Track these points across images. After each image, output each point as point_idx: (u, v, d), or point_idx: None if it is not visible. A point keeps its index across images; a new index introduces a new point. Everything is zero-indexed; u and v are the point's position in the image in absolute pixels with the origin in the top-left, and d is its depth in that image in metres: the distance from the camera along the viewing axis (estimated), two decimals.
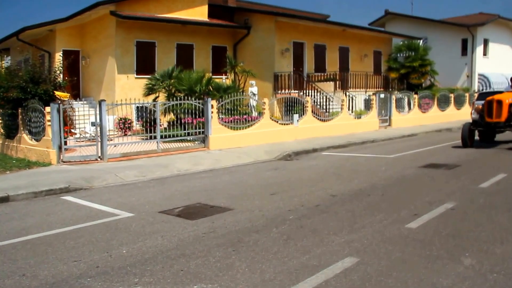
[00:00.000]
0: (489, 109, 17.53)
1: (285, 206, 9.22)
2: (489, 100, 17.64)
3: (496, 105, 17.33)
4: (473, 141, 18.23)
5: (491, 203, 8.96)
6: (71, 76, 27.45)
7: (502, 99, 17.38)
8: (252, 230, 7.66)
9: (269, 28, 29.41)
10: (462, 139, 17.89)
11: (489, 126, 17.96)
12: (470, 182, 11.21)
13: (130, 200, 10.57)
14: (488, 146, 18.11)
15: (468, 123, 18.25)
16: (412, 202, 9.18)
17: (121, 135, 21.26)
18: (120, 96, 23.99)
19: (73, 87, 28.02)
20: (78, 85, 28.73)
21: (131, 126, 23.12)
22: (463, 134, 17.91)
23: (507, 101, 17.36)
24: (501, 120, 17.25)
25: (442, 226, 7.49)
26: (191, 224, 8.23)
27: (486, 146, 18.11)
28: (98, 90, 27.25)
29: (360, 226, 7.65)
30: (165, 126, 20.56)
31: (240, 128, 19.69)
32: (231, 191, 11.10)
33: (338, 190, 10.61)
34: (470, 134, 18.00)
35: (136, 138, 18.21)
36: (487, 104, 17.63)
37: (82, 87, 28.95)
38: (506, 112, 17.26)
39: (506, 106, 17.26)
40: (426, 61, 33.71)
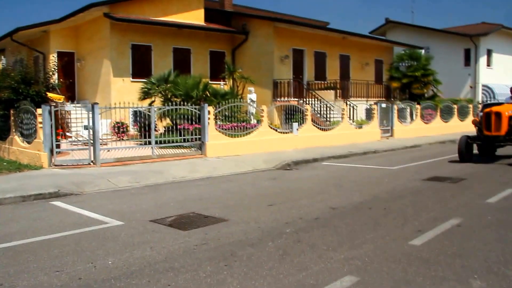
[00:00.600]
0: (487, 121, 16.68)
1: (283, 218, 8.88)
2: (487, 112, 16.81)
3: (495, 117, 16.46)
4: (471, 155, 17.34)
5: (499, 220, 8.62)
6: (66, 78, 27.21)
7: (501, 111, 16.44)
8: (247, 243, 7.32)
9: (267, 33, 29.21)
10: (459, 153, 17.05)
11: (488, 140, 17.09)
12: (476, 196, 10.88)
13: (121, 207, 10.24)
14: (487, 161, 17.25)
15: (465, 136, 17.35)
16: (416, 217, 8.84)
17: (116, 139, 20.94)
18: (116, 100, 23.64)
19: (68, 90, 27.85)
20: (74, 87, 28.56)
21: (126, 130, 22.79)
22: (460, 147, 17.04)
23: (507, 114, 16.48)
24: (501, 133, 16.40)
25: (448, 244, 7.15)
26: (183, 235, 7.89)
27: (485, 161, 17.23)
28: (93, 93, 26.97)
29: (361, 242, 7.31)
30: (162, 131, 20.29)
31: (238, 136, 19.37)
32: (227, 201, 10.77)
33: (339, 203, 10.28)
34: (467, 148, 17.11)
35: (131, 143, 17.90)
36: (485, 116, 16.77)
37: (78, 89, 28.72)
38: (506, 125, 16.40)
39: (505, 119, 16.40)
40: (429, 70, 33.49)
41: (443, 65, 41.66)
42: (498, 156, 18.06)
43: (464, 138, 17.18)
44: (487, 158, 17.68)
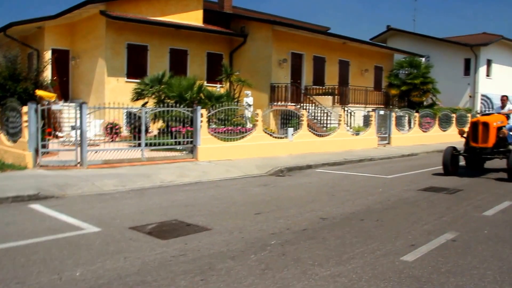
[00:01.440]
0: (474, 132, 15.62)
1: (269, 229, 8.41)
2: (473, 122, 15.85)
3: (482, 128, 15.37)
4: (457, 168, 16.11)
5: (497, 235, 8.16)
6: (61, 76, 26.81)
7: (489, 121, 15.38)
8: (228, 255, 6.85)
9: (266, 37, 28.78)
10: (443, 165, 15.83)
11: (474, 152, 15.84)
12: (473, 209, 10.42)
13: (101, 212, 9.77)
14: (474, 174, 16.06)
15: (450, 147, 16.06)
16: (409, 231, 8.38)
17: (108, 140, 20.52)
18: (110, 100, 23.18)
19: (62, 88, 27.44)
20: (68, 86, 28.08)
21: (119, 131, 22.36)
22: (444, 159, 15.83)
23: (495, 124, 15.45)
24: (488, 145, 15.30)
25: (442, 261, 6.69)
26: (161, 244, 7.42)
27: (472, 174, 16.03)
28: (87, 92, 26.54)
29: (350, 256, 6.84)
30: (155, 133, 19.86)
31: (231, 140, 18.90)
32: (213, 208, 10.30)
33: (329, 213, 9.81)
34: (453, 160, 15.90)
35: (121, 144, 17.40)
36: (472, 126, 15.76)
37: (72, 88, 28.30)
38: (494, 137, 15.35)
39: (493, 130, 15.35)
40: (428, 79, 33.09)
41: (443, 74, 41.37)
42: (487, 170, 17.03)
43: (449, 149, 15.99)
44: (475, 172, 16.58)
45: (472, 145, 15.59)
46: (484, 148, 15.37)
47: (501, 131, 15.47)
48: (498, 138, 15.41)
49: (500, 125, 15.73)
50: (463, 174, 15.83)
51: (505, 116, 16.40)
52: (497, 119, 15.74)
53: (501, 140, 15.64)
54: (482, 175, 15.97)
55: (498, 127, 15.59)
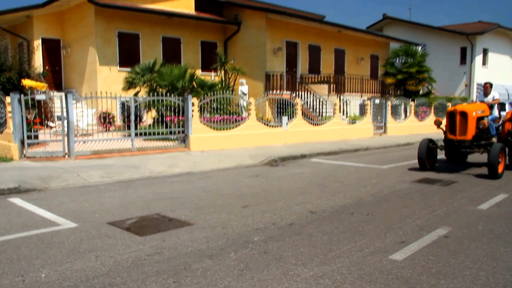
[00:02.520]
0: (451, 123, 13.93)
1: (254, 223, 7.95)
2: (450, 111, 14.04)
3: (460, 118, 13.65)
4: (435, 162, 14.66)
5: (491, 231, 7.70)
6: (53, 66, 26.30)
7: (467, 111, 13.61)
8: (206, 253, 6.40)
9: (260, 25, 28.22)
10: (418, 159, 14.20)
11: (452, 145, 14.08)
12: (467, 202, 9.95)
13: (82, 206, 9.31)
14: (453, 169, 14.52)
15: (426, 139, 14.43)
16: (400, 225, 7.92)
17: (102, 130, 20.11)
18: (103, 89, 22.85)
19: (55, 78, 26.95)
20: (60, 75, 27.53)
21: (113, 121, 21.93)
22: (419, 153, 14.16)
23: (474, 114, 13.69)
24: (467, 137, 13.59)
25: (433, 260, 6.24)
26: (138, 241, 6.96)
27: (450, 169, 14.50)
28: (80, 81, 26.04)
29: (336, 255, 6.39)
30: (150, 123, 19.42)
31: (224, 129, 18.41)
32: (199, 201, 9.84)
33: (319, 206, 9.35)
34: (429, 153, 14.37)
35: (114, 134, 16.90)
36: (449, 116, 14.03)
37: (64, 78, 27.78)
38: (473, 128, 13.66)
39: (472, 120, 13.60)
40: (424, 67, 32.54)
41: (439, 62, 40.96)
42: (470, 164, 15.62)
43: (425, 141, 14.33)
44: (454, 167, 15.07)
45: (449, 138, 13.92)
46: (462, 141, 13.69)
47: (481, 122, 13.72)
48: (478, 129, 13.78)
49: (480, 115, 14.02)
50: (441, 169, 14.40)
51: (488, 105, 14.64)
52: (477, 108, 14.03)
53: (482, 132, 14.07)
54: (462, 170, 14.42)
55: (478, 117, 13.90)
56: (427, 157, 14.16)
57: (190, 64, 26.25)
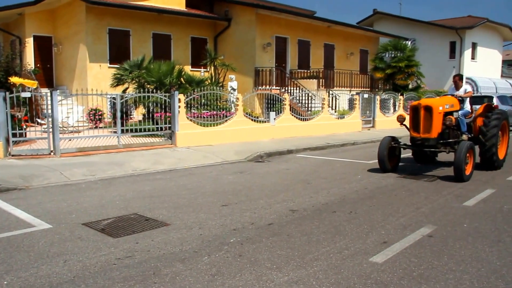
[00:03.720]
0: (414, 119, 12.32)
1: (232, 223, 7.56)
2: (414, 106, 12.46)
3: (424, 114, 12.06)
4: (397, 161, 13.13)
5: (477, 229, 7.34)
6: (44, 63, 25.85)
7: (432, 105, 12.04)
8: (178, 257, 6.00)
9: (249, 20, 27.76)
10: (378, 159, 12.71)
11: (415, 143, 12.71)
12: (453, 198, 9.59)
13: (60, 206, 8.89)
14: (417, 170, 13.05)
15: (388, 137, 12.90)
16: (383, 224, 7.54)
17: (91, 127, 19.69)
18: (93, 86, 22.37)
19: (46, 75, 26.49)
20: (52, 72, 27.01)
21: (102, 117, 21.49)
22: (379, 153, 12.63)
23: (440, 109, 12.15)
24: (431, 135, 12.07)
25: (415, 262, 5.86)
26: (110, 243, 6.56)
27: (415, 171, 13.02)
28: (71, 78, 25.54)
29: (314, 257, 6.00)
30: (140, 119, 19.00)
31: (211, 125, 17.99)
32: (179, 199, 9.43)
33: (301, 204, 8.96)
34: (391, 153, 12.85)
35: (103, 131, 16.53)
36: (412, 112, 12.46)
37: (56, 75, 27.23)
38: (439, 125, 12.16)
39: (438, 116, 12.06)
40: (412, 62, 32.13)
41: (429, 57, 40.67)
42: (440, 163, 14.28)
43: (386, 140, 12.80)
44: (419, 167, 13.64)
45: (413, 135, 12.49)
46: (426, 139, 12.22)
47: (448, 117, 12.14)
48: (445, 126, 12.26)
49: (448, 109, 12.49)
50: (404, 171, 12.96)
51: (458, 99, 13.08)
52: (444, 103, 12.47)
53: (450, 129, 12.65)
54: (428, 171, 12.98)
55: (446, 112, 12.34)
56: (389, 157, 12.68)
57: (180, 60, 25.78)
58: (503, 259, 6.02)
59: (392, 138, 12.90)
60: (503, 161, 13.63)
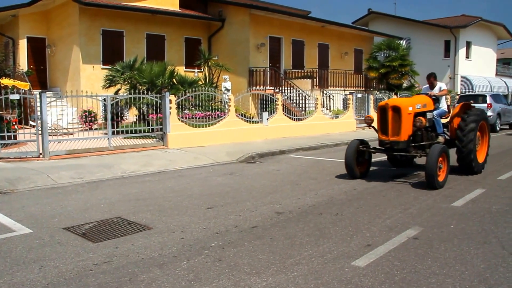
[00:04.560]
0: (382, 120, 11.21)
1: (215, 227, 7.40)
2: (381, 106, 11.34)
3: (392, 114, 10.97)
4: (368, 167, 12.00)
5: (463, 231, 7.18)
6: (38, 65, 25.73)
7: (401, 105, 10.96)
8: (157, 262, 5.85)
9: (243, 21, 27.61)
10: (346, 165, 11.58)
11: (384, 147, 11.44)
12: (442, 198, 9.44)
13: (43, 210, 8.73)
14: (388, 176, 12.00)
15: (356, 140, 11.76)
16: (369, 227, 7.38)
17: (85, 128, 19.60)
18: (86, 87, 22.29)
19: (40, 77, 26.35)
20: (45, 74, 26.85)
21: (95, 119, 21.37)
22: (346, 157, 11.50)
23: (411, 109, 11.05)
24: (400, 138, 10.90)
25: (398, 266, 5.71)
26: (89, 248, 6.41)
27: (385, 176, 11.98)
28: (64, 80, 25.40)
29: (295, 261, 5.84)
30: (133, 120, 18.89)
31: (203, 126, 17.83)
32: (165, 202, 9.27)
33: (287, 206, 8.80)
34: (359, 157, 11.68)
35: (96, 133, 16.37)
36: (379, 113, 11.33)
37: (49, 76, 27.13)
38: (409, 126, 10.99)
39: (407, 117, 10.93)
40: (406, 61, 31.94)
41: (424, 56, 40.55)
42: (419, 167, 13.20)
43: (354, 143, 11.68)
44: (392, 172, 12.64)
45: (381, 138, 11.29)
46: (395, 142, 11.01)
47: (418, 118, 10.92)
48: (416, 128, 11.09)
49: (420, 110, 11.42)
50: (374, 177, 11.88)
51: (432, 98, 12.13)
52: (414, 102, 11.42)
53: (424, 131, 11.64)
54: (402, 176, 11.99)
55: (416, 113, 11.21)
56: (357, 162, 11.57)
57: (174, 61, 25.67)
58: (488, 261, 5.87)
59: (361, 141, 11.78)
60: (484, 164, 12.65)
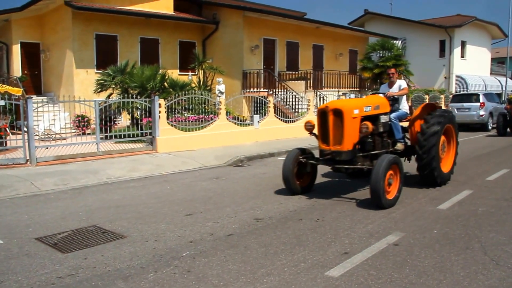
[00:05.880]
0: (322, 126, 9.28)
1: (191, 235, 7.11)
2: (321, 110, 9.37)
3: (333, 119, 9.04)
4: (312, 181, 10.20)
5: (446, 236, 6.88)
6: (32, 70, 25.47)
7: (343, 108, 8.99)
8: (123, 274, 5.56)
9: (237, 23, 27.29)
10: (283, 178, 9.76)
11: (324, 158, 9.40)
12: (428, 201, 9.14)
13: (19, 219, 8.43)
14: (336, 191, 10.20)
15: (297, 150, 9.94)
16: (349, 232, 7.09)
17: (78, 133, 19.30)
18: (80, 92, 22.05)
19: (34, 82, 26.05)
20: (40, 79, 26.57)
21: (89, 124, 21.05)
22: (284, 170, 9.67)
23: (356, 113, 9.10)
24: (343, 148, 8.95)
25: (374, 275, 5.41)
26: (57, 260, 6.12)
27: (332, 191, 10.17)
28: (58, 85, 25.09)
29: (266, 272, 5.54)
30: (128, 125, 18.59)
31: (193, 129, 17.51)
32: (145, 209, 8.98)
33: (268, 212, 8.50)
34: (300, 169, 9.83)
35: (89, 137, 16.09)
36: (319, 117, 9.40)
37: (44, 81, 26.77)
38: (354, 134, 9.03)
39: (352, 122, 9.00)
40: (400, 61, 31.58)
41: (419, 56, 40.34)
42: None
43: (293, 153, 9.83)
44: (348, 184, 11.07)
45: (321, 148, 9.38)
46: (337, 152, 9.04)
47: (363, 124, 9.00)
48: (363, 134, 9.06)
49: (370, 113, 9.51)
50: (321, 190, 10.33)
51: (389, 98, 10.28)
52: (362, 104, 9.51)
53: (375, 138, 9.75)
54: (352, 191, 10.23)
55: (365, 116, 9.30)
56: (298, 174, 9.80)
57: (168, 64, 25.44)
58: (468, 268, 5.58)
59: (302, 151, 9.94)
60: (450, 174, 10.92)
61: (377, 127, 9.65)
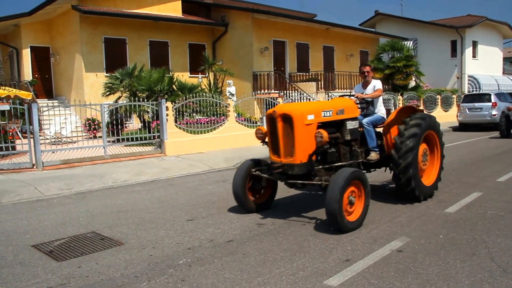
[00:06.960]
0: (272, 135, 8.01)
1: (190, 241, 6.88)
2: (269, 115, 8.03)
3: (283, 127, 7.69)
4: (271, 196, 8.84)
5: (452, 241, 6.59)
6: (43, 74, 25.47)
7: (293, 114, 7.57)
8: (116, 284, 5.35)
9: (246, 25, 27.10)
10: (234, 196, 8.48)
11: (275, 172, 7.97)
12: (435, 204, 8.82)
13: (19, 225, 8.27)
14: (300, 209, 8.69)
15: (249, 162, 8.56)
16: (352, 238, 6.81)
17: (88, 136, 19.28)
18: (90, 95, 22.06)
19: (45, 85, 26.06)
20: (51, 83, 26.55)
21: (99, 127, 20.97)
22: (234, 184, 8.36)
23: (310, 118, 7.68)
24: (295, 160, 7.59)
25: (375, 284, 5.15)
26: (50, 269, 5.92)
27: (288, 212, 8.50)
28: (68, 88, 25.06)
29: (263, 281, 5.30)
30: (139, 128, 18.50)
31: (202, 132, 17.31)
32: (146, 214, 8.77)
33: (272, 216, 8.24)
34: (254, 184, 8.53)
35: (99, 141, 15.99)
36: (268, 124, 8.11)
37: (54, 85, 26.75)
38: (308, 144, 7.62)
39: (304, 130, 7.60)
40: (411, 61, 31.15)
41: (431, 56, 40.06)
42: None
43: (245, 165, 8.50)
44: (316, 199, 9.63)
45: (272, 159, 8.03)
46: (289, 166, 7.67)
47: (317, 132, 7.55)
48: (320, 144, 7.55)
49: (331, 118, 8.07)
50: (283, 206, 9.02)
51: (358, 101, 8.98)
52: (318, 108, 8.01)
53: (339, 147, 8.39)
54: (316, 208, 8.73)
55: (323, 123, 7.91)
56: (252, 189, 8.53)
57: (178, 67, 25.34)
58: (473, 276, 5.29)
59: (256, 162, 8.60)
60: (433, 189, 9.50)
61: (342, 135, 8.27)
